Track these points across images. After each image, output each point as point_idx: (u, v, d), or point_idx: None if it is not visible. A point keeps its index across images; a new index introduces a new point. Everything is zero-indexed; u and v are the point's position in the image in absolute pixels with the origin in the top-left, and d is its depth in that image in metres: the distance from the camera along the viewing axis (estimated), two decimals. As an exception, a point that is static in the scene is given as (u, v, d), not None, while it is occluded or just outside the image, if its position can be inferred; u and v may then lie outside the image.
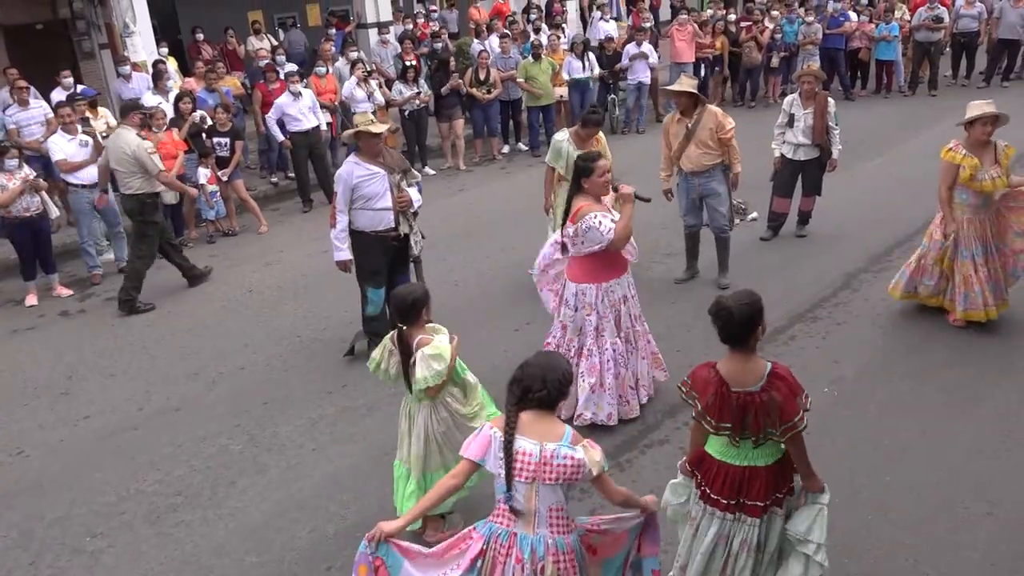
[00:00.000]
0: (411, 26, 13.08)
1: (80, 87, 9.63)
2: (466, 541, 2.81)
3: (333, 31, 12.88)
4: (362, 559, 2.75)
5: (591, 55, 11.67)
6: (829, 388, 5.03)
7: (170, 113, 8.68)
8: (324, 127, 9.51)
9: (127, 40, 10.88)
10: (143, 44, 10.92)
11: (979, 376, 5.06)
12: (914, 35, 13.16)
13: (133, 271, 7.08)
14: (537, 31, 12.93)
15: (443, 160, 11.16)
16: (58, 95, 8.93)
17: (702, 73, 12.96)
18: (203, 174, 8.43)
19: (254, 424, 5.11)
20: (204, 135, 8.64)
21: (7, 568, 4.01)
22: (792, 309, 6.10)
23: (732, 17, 13.62)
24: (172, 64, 10.94)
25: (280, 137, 9.29)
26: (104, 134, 8.57)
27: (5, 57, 11.21)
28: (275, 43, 12.22)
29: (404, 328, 3.59)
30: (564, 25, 13.61)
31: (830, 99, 7.13)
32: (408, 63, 10.59)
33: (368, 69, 10.47)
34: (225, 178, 8.63)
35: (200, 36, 12.31)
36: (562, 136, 6.35)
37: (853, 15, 13.20)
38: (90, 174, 7.56)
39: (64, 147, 7.51)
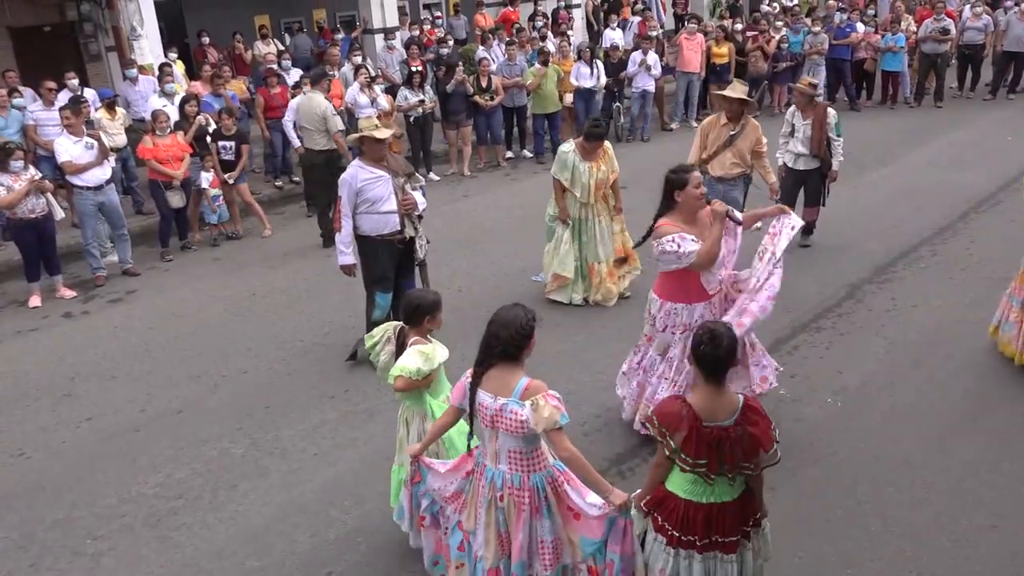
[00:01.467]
0: (417, 32, 13.14)
1: (91, 89, 9.69)
2: (470, 458, 3.30)
3: (340, 36, 12.95)
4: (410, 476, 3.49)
5: (599, 63, 11.71)
6: (832, 399, 5.03)
7: (175, 116, 8.72)
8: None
9: (134, 43, 10.92)
10: (150, 47, 10.96)
11: (983, 387, 5.06)
12: (920, 46, 13.18)
13: (326, 216, 8.13)
14: (544, 38, 12.99)
15: (447, 166, 11.20)
16: (66, 97, 8.98)
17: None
18: (205, 178, 8.45)
19: (256, 428, 5.12)
20: (209, 138, 8.68)
21: (7, 570, 4.02)
22: (795, 319, 6.11)
23: (739, 26, 13.66)
24: (180, 68, 10.99)
25: (296, 142, 9.29)
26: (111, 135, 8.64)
27: (12, 59, 11.29)
28: (281, 48, 12.28)
29: (406, 328, 3.70)
30: (570, 32, 13.65)
31: (830, 110, 7.15)
32: (414, 68, 10.64)
33: (372, 74, 10.51)
34: (231, 181, 8.67)
35: (206, 40, 12.38)
36: (568, 147, 6.36)
37: (860, 26, 13.23)
38: (95, 176, 7.60)
39: (70, 149, 7.55)
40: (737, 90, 6.32)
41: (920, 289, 6.55)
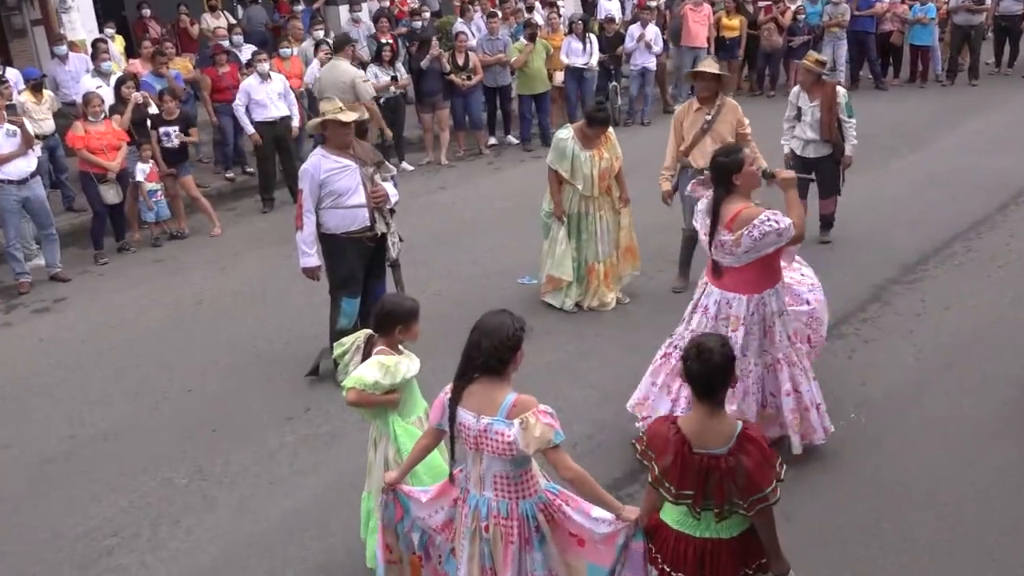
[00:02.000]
0: (387, 3, 13.13)
1: (14, 69, 9.60)
2: (453, 485, 3.29)
3: (300, 7, 12.91)
4: (381, 507, 3.43)
5: (593, 37, 11.75)
6: (855, 413, 5.05)
7: (110, 99, 8.67)
8: (295, 118, 9.54)
9: (63, 16, 10.85)
10: (82, 21, 10.90)
11: (1021, 400, 5.09)
12: (952, 18, 13.32)
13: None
14: (531, 9, 13.02)
15: (423, 154, 11.20)
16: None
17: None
18: (141, 170, 8.39)
19: (202, 453, 5.08)
20: (148, 123, 8.62)
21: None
22: (815, 324, 6.13)
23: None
24: (119, 45, 10.91)
25: (250, 128, 9.30)
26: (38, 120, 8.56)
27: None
28: (232, 21, 12.24)
29: (375, 336, 3.71)
30: (560, 3, 13.70)
31: (839, 88, 7.23)
32: (384, 43, 10.63)
33: (337, 51, 10.48)
34: (177, 143, 8.57)
35: (147, 12, 12.32)
36: (566, 134, 6.37)
37: (885, -6, 13.35)
38: (18, 168, 7.53)
39: (-12, 137, 7.48)
40: (708, 65, 6.38)
41: (953, 289, 6.60)
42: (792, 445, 4.45)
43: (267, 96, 9.25)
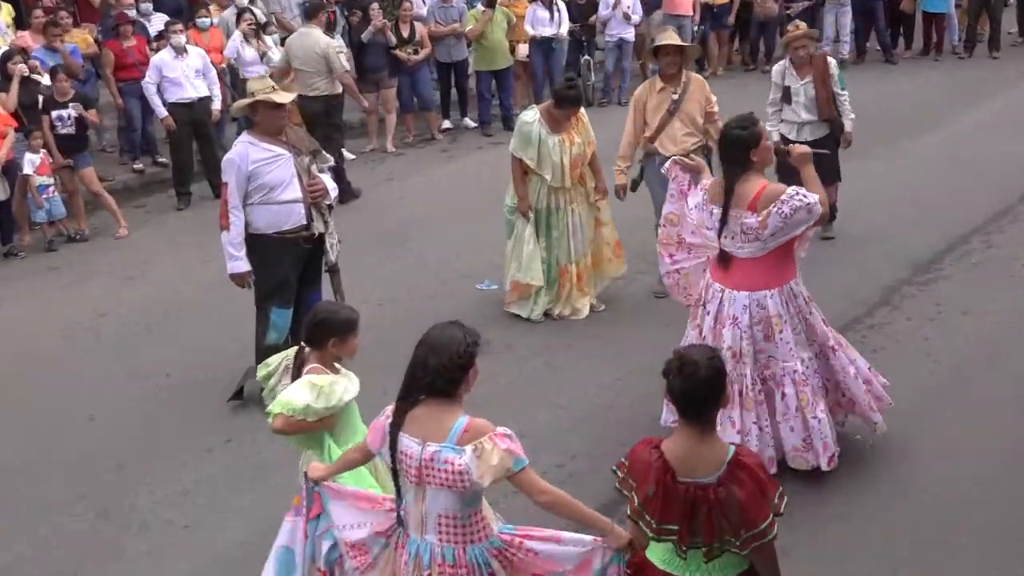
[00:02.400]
0: (323, -36, 13.09)
1: None
2: (384, 503, 3.31)
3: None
4: (300, 492, 3.49)
5: (561, 4, 11.82)
6: (862, 434, 5.12)
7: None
8: (217, 99, 9.53)
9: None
10: (-38, -12, 10.76)
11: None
12: (970, -19, 13.59)
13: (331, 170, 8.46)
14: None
15: (365, 140, 11.19)
16: None
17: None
18: (30, 161, 8.28)
19: (106, 493, 5.05)
20: (40, 104, 8.52)
21: None
22: (816, 332, 6.23)
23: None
24: (5, 15, 10.78)
25: (162, 111, 9.29)
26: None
27: None
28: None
29: (306, 349, 3.71)
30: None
31: (830, 59, 7.40)
32: (319, 11, 10.61)
33: (262, 20, 10.45)
34: (75, 116, 8.50)
35: (40, -24, 12.17)
36: (531, 117, 6.41)
37: (894, -45, 13.60)
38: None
39: None
40: (671, 38, 6.51)
41: (971, 290, 6.73)
42: (877, 426, 4.81)
43: (182, 73, 9.22)
